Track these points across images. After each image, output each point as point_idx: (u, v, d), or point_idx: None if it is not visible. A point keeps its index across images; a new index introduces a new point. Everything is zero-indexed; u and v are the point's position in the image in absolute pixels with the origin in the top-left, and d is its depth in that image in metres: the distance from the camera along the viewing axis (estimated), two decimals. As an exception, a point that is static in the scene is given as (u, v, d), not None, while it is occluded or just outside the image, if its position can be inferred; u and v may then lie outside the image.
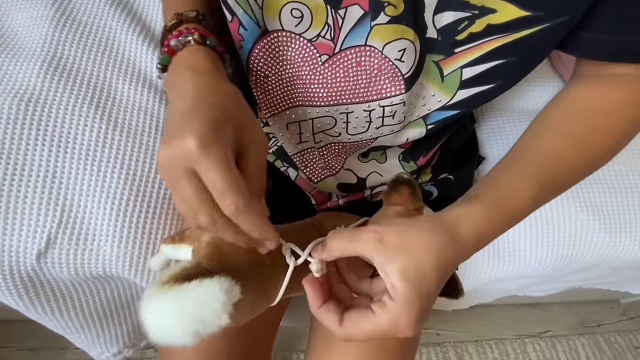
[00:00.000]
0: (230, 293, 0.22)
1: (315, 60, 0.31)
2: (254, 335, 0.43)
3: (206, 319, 0.21)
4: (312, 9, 0.28)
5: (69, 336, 0.54)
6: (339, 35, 0.30)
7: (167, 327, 0.21)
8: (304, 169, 0.40)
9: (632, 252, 0.47)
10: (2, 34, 0.48)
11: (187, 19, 0.30)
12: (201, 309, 0.21)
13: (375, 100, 0.33)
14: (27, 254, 0.41)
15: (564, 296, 0.96)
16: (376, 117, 0.34)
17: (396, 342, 0.41)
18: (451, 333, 0.96)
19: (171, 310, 0.21)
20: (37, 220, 0.41)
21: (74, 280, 0.45)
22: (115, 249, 0.42)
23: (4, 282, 0.42)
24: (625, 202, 0.48)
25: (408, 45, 0.29)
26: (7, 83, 0.44)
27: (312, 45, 0.31)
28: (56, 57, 0.46)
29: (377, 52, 0.30)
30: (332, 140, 0.37)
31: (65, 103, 0.44)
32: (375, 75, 0.31)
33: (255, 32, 0.30)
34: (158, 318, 0.22)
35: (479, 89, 0.32)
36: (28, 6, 0.49)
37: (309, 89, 0.33)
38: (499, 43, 0.29)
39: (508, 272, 0.48)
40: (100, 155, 0.43)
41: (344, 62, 0.31)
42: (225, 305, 0.21)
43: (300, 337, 0.88)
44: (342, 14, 0.28)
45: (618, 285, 0.67)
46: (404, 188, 0.30)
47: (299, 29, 0.30)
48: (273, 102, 0.35)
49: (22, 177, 0.41)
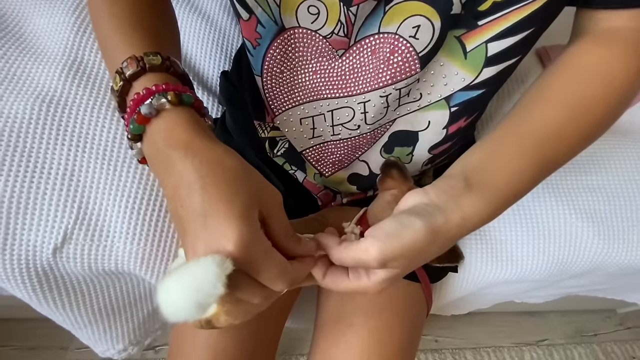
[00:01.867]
0: (222, 266, 0.24)
1: (331, 55, 0.31)
2: (260, 334, 0.44)
3: (204, 289, 0.24)
4: (328, 6, 0.28)
5: (77, 331, 0.55)
6: (352, 30, 0.30)
7: (174, 301, 0.24)
8: (315, 164, 0.40)
9: (625, 258, 0.49)
10: (25, 39, 0.50)
11: (151, 67, 0.25)
12: (198, 281, 0.24)
13: (391, 85, 0.31)
14: (43, 249, 0.42)
15: (561, 305, 0.97)
16: (393, 100, 0.33)
17: (397, 345, 0.42)
18: (449, 340, 0.97)
19: (174, 286, 0.24)
20: (54, 216, 0.42)
21: (86, 276, 0.46)
22: (128, 246, 0.44)
23: (20, 276, 0.43)
24: (618, 210, 0.49)
25: (423, 21, 0.28)
26: (29, 85, 0.46)
27: (327, 42, 0.31)
28: (76, 62, 0.48)
29: (391, 35, 0.29)
30: (351, 134, 0.36)
31: (84, 105, 0.46)
32: (388, 59, 0.30)
33: (273, 30, 0.30)
34: (166, 295, 0.25)
35: (505, 64, 0.30)
36: (50, 13, 0.51)
37: (327, 82, 0.33)
38: (527, 11, 0.26)
39: (506, 276, 0.50)
40: (116, 155, 0.45)
41: (359, 52, 0.31)
42: (219, 276, 0.24)
43: (301, 341, 0.89)
44: (354, 10, 0.28)
45: (613, 293, 0.69)
46: (393, 171, 0.32)
47: (315, 25, 0.30)
48: (286, 99, 0.35)
49: (42, 174, 0.43)
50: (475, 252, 0.50)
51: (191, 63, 0.55)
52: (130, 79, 0.25)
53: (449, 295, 0.54)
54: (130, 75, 0.25)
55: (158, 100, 0.24)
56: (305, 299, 0.57)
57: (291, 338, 0.89)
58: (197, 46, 0.55)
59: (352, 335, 0.42)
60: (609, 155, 0.52)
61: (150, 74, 0.26)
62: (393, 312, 0.43)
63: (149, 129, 0.25)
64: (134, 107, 0.24)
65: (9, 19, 0.51)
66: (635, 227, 0.49)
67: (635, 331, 1.02)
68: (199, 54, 0.55)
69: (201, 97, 0.53)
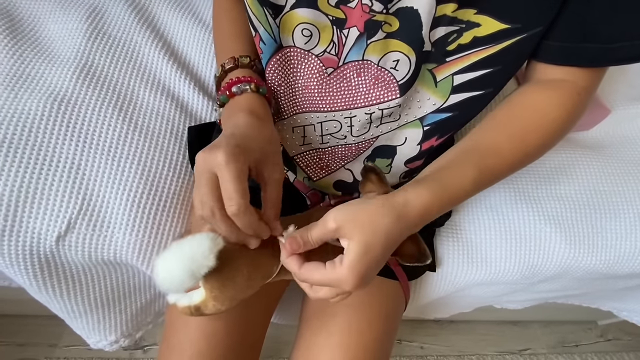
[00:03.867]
0: (214, 240, 0.29)
1: (322, 73, 0.37)
2: (249, 321, 0.47)
3: (197, 259, 0.28)
4: (320, 29, 0.34)
5: (71, 321, 0.57)
6: (342, 51, 0.35)
7: (170, 268, 0.28)
8: (305, 168, 0.45)
9: (590, 263, 0.52)
10: (40, 42, 0.54)
11: (242, 65, 0.38)
12: (193, 252, 0.28)
13: (375, 105, 0.38)
14: (47, 237, 0.45)
15: (544, 315, 1.00)
16: (376, 118, 0.39)
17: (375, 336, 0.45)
18: (434, 347, 0.99)
19: (171, 255, 0.28)
20: (60, 206, 0.45)
21: (85, 265, 0.49)
22: (127, 237, 0.47)
23: (23, 262, 0.46)
24: (584, 217, 0.53)
25: (401, 57, 0.34)
26: (42, 85, 0.50)
27: (319, 59, 0.36)
28: (87, 65, 0.52)
29: (374, 65, 0.35)
30: (339, 142, 0.42)
31: (92, 105, 0.50)
32: (373, 84, 0.37)
33: (272, 47, 0.36)
34: (163, 263, 0.29)
35: (469, 94, 0.37)
36: (65, 19, 0.55)
37: (317, 97, 0.39)
38: (485, 54, 0.33)
39: (481, 277, 0.53)
40: (120, 152, 0.49)
41: (346, 73, 0.37)
42: (211, 248, 0.28)
43: (287, 345, 0.91)
44: (345, 33, 0.34)
45: (588, 300, 0.72)
46: (372, 175, 0.35)
47: (308, 46, 0.35)
48: (283, 109, 0.40)
49: (50, 167, 0.46)
50: (451, 253, 0.54)
51: (194, 69, 0.59)
52: (227, 71, 0.38)
53: (428, 295, 0.57)
54: (228, 69, 0.38)
55: (244, 86, 0.37)
56: (291, 297, 0.60)
57: (278, 341, 0.90)
58: (199, 54, 0.60)
59: (334, 326, 0.45)
60: (575, 167, 0.56)
61: (240, 69, 0.38)
62: (373, 306, 0.46)
63: (232, 100, 0.37)
64: (227, 87, 0.37)
65: (25, 24, 0.55)
66: (599, 233, 0.52)
67: (616, 343, 1.05)
68: (201, 61, 0.60)
69: (201, 100, 0.56)
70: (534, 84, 0.37)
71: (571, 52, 0.33)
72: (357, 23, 0.33)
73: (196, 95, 0.56)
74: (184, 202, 0.50)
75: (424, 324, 1.01)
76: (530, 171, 0.56)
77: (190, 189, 0.51)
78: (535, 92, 0.36)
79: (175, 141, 0.52)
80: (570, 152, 0.56)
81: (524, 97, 0.36)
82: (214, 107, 0.53)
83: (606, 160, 0.56)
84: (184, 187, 0.51)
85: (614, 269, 0.53)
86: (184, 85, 0.56)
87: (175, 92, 0.56)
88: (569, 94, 0.35)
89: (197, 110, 0.56)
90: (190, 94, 0.56)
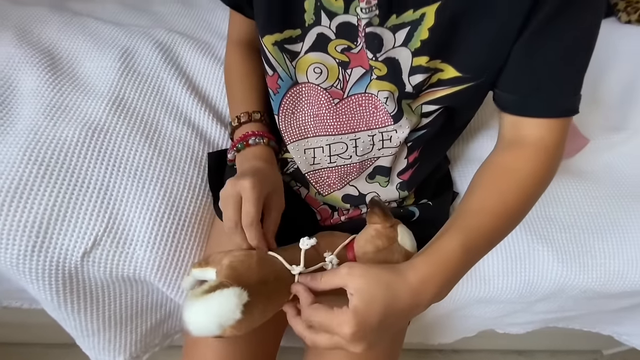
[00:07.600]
0: (240, 297, 0.33)
1: (329, 103, 0.45)
2: (264, 337, 0.50)
3: (225, 315, 0.33)
4: (329, 68, 0.42)
5: (83, 340, 0.58)
6: (346, 86, 0.43)
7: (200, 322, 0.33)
8: (315, 184, 0.51)
9: (583, 281, 0.55)
10: (77, 78, 0.60)
11: (254, 119, 0.47)
12: (221, 308, 0.32)
13: (375, 129, 0.45)
14: (74, 253, 0.48)
15: (548, 343, 0.99)
16: (378, 141, 0.46)
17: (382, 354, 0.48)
18: (439, 377, 0.97)
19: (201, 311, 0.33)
20: (88, 223, 0.49)
21: (105, 281, 0.52)
22: (147, 253, 0.50)
23: (48, 278, 0.49)
24: (573, 237, 0.56)
25: (389, 94, 0.42)
26: (78, 115, 0.55)
27: (327, 92, 0.44)
28: (119, 98, 0.58)
29: (374, 97, 0.43)
30: (345, 162, 0.48)
31: (122, 133, 0.55)
32: (373, 112, 0.44)
33: (289, 83, 0.44)
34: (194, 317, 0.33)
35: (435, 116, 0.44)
36: (100, 58, 0.62)
37: (325, 122, 0.46)
38: (444, 92, 0.41)
39: (479, 294, 0.56)
40: (145, 175, 0.53)
41: (350, 104, 0.44)
42: (238, 305, 0.33)
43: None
44: (349, 72, 0.42)
45: (588, 324, 0.73)
46: (375, 208, 0.40)
47: (319, 80, 0.43)
48: (295, 132, 0.47)
49: (82, 188, 0.50)
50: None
51: (212, 102, 0.65)
52: (242, 123, 0.48)
53: (430, 312, 0.59)
54: (243, 122, 0.48)
55: (260, 139, 0.46)
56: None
57: None
58: (217, 89, 0.66)
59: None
60: (563, 191, 0.61)
61: (253, 122, 0.48)
62: None
63: (247, 149, 0.46)
64: (242, 137, 0.46)
65: (64, 61, 0.62)
66: (588, 252, 0.56)
67: (621, 373, 1.03)
68: (218, 95, 0.66)
69: (218, 129, 0.62)
70: (505, 144, 0.42)
71: (523, 103, 0.39)
72: (362, 64, 0.41)
73: (213, 125, 0.62)
74: (201, 222, 0.54)
75: (429, 354, 1.00)
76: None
77: (208, 209, 0.55)
78: (504, 153, 0.42)
79: (194, 166, 0.57)
80: (558, 178, 0.60)
81: (495, 159, 0.42)
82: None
83: (590, 185, 0.61)
84: (202, 207, 0.55)
85: (606, 288, 0.56)
86: (203, 116, 0.62)
87: (195, 122, 0.61)
88: (535, 150, 0.40)
89: (214, 138, 0.61)
90: (209, 124, 0.62)
